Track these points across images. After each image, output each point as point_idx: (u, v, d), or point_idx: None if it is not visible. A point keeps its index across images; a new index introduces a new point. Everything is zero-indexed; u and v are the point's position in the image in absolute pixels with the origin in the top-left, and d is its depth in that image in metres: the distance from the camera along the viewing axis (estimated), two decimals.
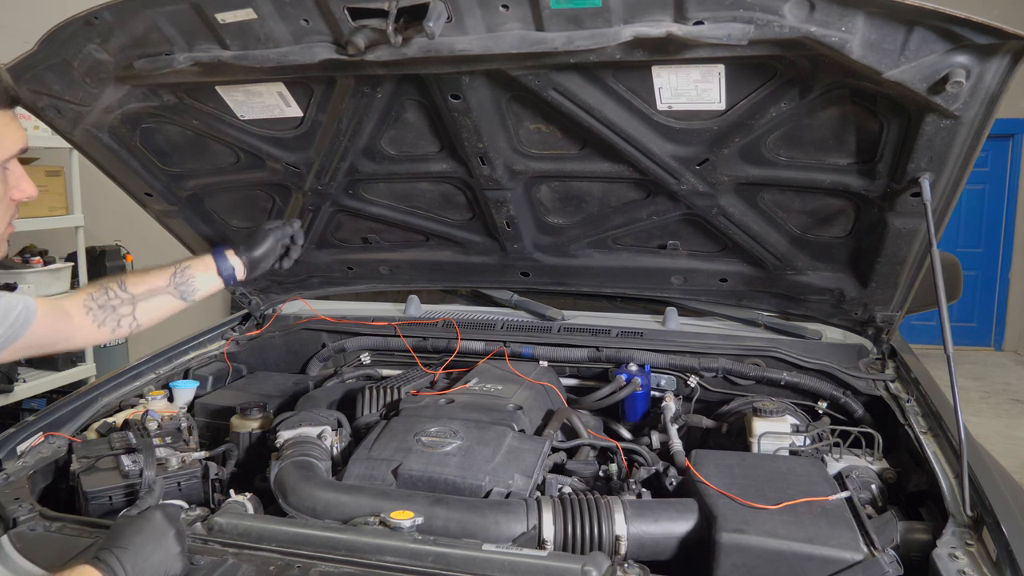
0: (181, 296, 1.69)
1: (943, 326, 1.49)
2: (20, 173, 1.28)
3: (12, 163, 1.27)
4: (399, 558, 1.24)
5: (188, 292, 1.70)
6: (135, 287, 1.64)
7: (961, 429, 1.44)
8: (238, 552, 1.27)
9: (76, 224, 4.51)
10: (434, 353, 2.39)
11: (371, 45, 1.51)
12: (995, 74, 1.37)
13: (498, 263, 2.33)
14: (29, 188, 1.30)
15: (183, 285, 1.69)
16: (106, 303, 1.60)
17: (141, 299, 1.63)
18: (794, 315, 2.23)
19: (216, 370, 2.37)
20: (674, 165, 1.83)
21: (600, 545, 1.38)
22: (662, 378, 2.20)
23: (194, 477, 1.64)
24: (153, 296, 1.65)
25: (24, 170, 1.30)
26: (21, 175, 1.29)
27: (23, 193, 1.29)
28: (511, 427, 1.73)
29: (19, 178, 1.28)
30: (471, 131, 1.83)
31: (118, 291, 1.62)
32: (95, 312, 1.59)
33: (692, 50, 1.47)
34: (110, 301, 1.61)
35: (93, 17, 1.58)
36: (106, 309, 1.60)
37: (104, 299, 1.60)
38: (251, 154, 2.05)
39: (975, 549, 1.28)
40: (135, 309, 1.63)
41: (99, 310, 1.59)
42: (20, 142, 1.26)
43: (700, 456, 1.65)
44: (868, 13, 1.33)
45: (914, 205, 1.68)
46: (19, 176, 1.28)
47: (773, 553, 1.31)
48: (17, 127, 1.26)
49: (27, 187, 1.30)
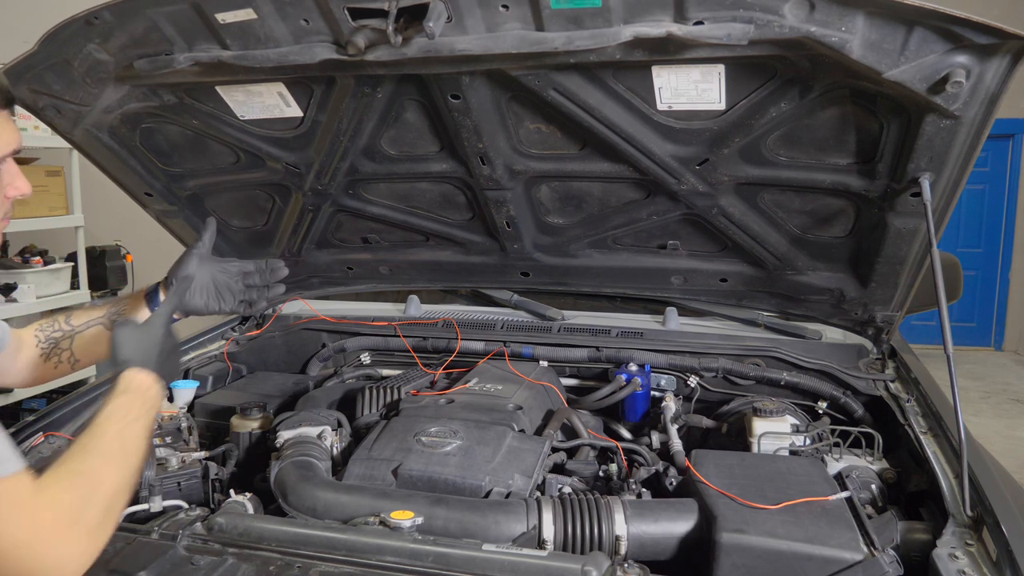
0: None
1: (943, 326, 1.49)
2: (15, 171, 1.30)
3: (7, 162, 1.28)
4: (399, 558, 1.24)
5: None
6: (77, 320, 1.67)
7: (961, 429, 1.44)
8: (238, 552, 1.27)
9: (76, 224, 4.51)
10: (434, 353, 2.39)
11: (371, 45, 1.51)
12: (995, 74, 1.37)
13: (498, 263, 2.33)
14: (23, 185, 1.31)
15: (115, 316, 1.67)
16: (51, 334, 1.65)
17: (79, 331, 1.66)
18: (794, 315, 2.23)
19: (216, 370, 2.37)
20: (674, 165, 1.83)
21: (600, 545, 1.38)
22: (662, 378, 2.20)
23: (194, 477, 1.64)
24: (88, 327, 1.67)
25: (19, 168, 1.31)
26: (16, 173, 1.30)
27: (17, 191, 1.31)
28: (511, 427, 1.73)
29: (13, 176, 1.30)
30: (471, 131, 1.83)
31: (63, 323, 1.67)
32: (42, 344, 1.63)
33: (692, 50, 1.47)
34: (54, 333, 1.65)
35: (93, 17, 1.58)
36: (50, 341, 1.64)
37: (51, 330, 1.65)
38: (251, 154, 2.05)
39: (975, 549, 1.28)
40: (73, 341, 1.65)
41: (45, 342, 1.64)
42: (14, 143, 1.27)
43: (700, 456, 1.65)
44: (868, 13, 1.33)
45: (914, 205, 1.68)
46: (13, 174, 1.30)
47: (773, 553, 1.31)
48: (12, 128, 1.27)
49: (21, 184, 1.31)
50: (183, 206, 2.25)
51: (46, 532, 1.00)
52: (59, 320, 1.67)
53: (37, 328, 1.65)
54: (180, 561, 1.25)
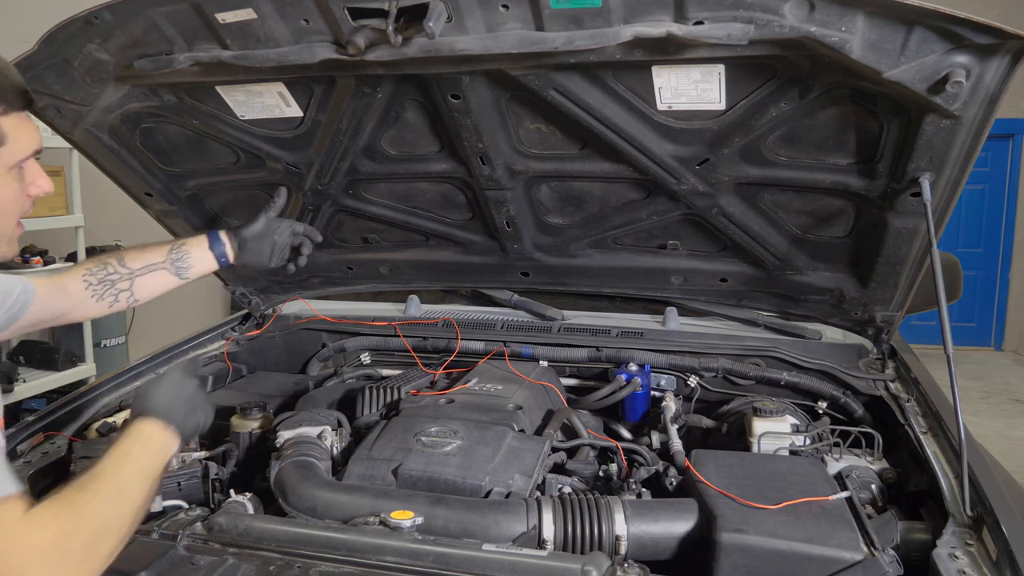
0: (176, 273, 1.73)
1: (943, 326, 1.49)
2: (36, 170, 1.29)
3: (30, 161, 1.27)
4: (399, 558, 1.24)
5: (183, 269, 1.74)
6: (134, 262, 1.69)
7: (961, 429, 1.44)
8: (238, 552, 1.27)
9: (76, 224, 4.51)
10: (434, 353, 2.39)
11: (371, 45, 1.51)
12: (995, 74, 1.37)
13: (498, 263, 2.33)
14: (46, 184, 1.30)
15: (178, 262, 1.73)
16: (105, 278, 1.65)
17: (139, 274, 1.69)
18: (794, 315, 2.23)
19: (216, 370, 2.37)
20: (674, 165, 1.83)
21: (600, 545, 1.38)
22: (662, 378, 2.20)
23: (194, 477, 1.64)
24: (150, 272, 1.70)
25: (40, 167, 1.30)
26: (37, 172, 1.29)
27: (40, 189, 1.30)
28: (511, 427, 1.73)
29: (35, 175, 1.29)
30: (471, 131, 1.83)
31: (117, 266, 1.67)
32: (94, 287, 1.64)
33: (692, 50, 1.46)
34: (109, 276, 1.66)
35: (93, 17, 1.58)
36: (105, 284, 1.65)
37: (103, 274, 1.65)
38: (251, 154, 2.05)
39: (975, 549, 1.28)
40: (133, 284, 1.68)
41: (98, 285, 1.64)
42: (35, 143, 1.26)
43: (700, 456, 1.65)
44: (868, 13, 1.33)
45: (914, 205, 1.68)
46: (35, 173, 1.29)
47: (773, 553, 1.31)
48: (32, 128, 1.26)
49: (44, 183, 1.30)
50: (183, 206, 2.24)
51: (32, 558, 0.99)
52: (111, 263, 1.67)
53: (85, 271, 1.65)
54: (180, 561, 1.25)
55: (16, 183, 1.24)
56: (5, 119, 1.20)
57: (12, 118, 1.21)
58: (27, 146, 1.24)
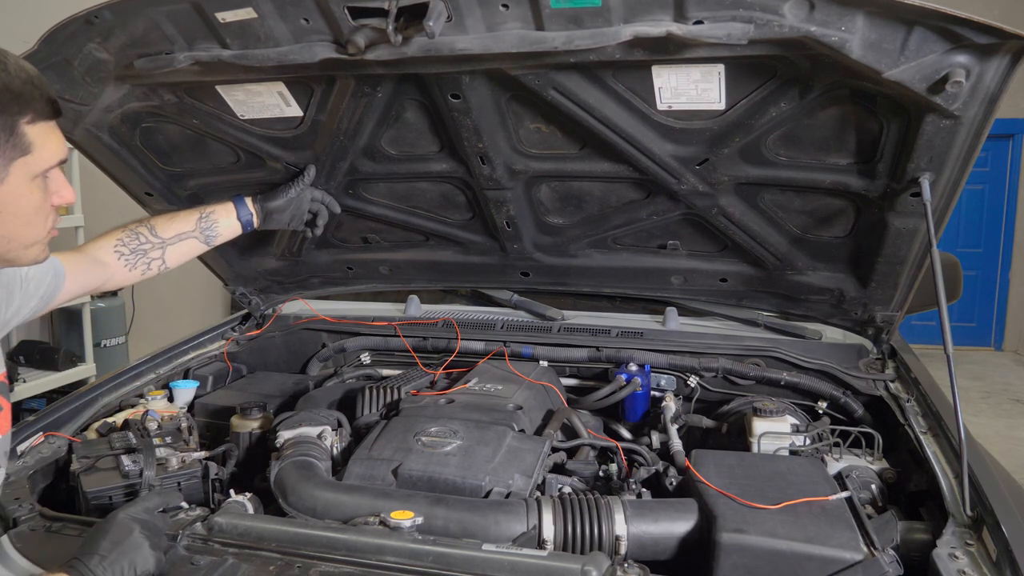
0: (206, 240, 1.85)
1: (943, 326, 1.49)
2: (61, 180, 1.29)
3: (55, 170, 1.28)
4: (399, 558, 1.24)
5: (212, 236, 1.86)
6: (164, 231, 1.78)
7: (961, 429, 1.44)
8: (238, 552, 1.27)
9: (76, 224, 4.50)
10: (434, 353, 2.39)
11: (371, 44, 1.51)
12: (995, 74, 1.36)
13: (498, 263, 2.33)
14: (68, 194, 1.31)
15: (208, 230, 1.84)
16: (137, 247, 1.74)
17: (170, 243, 1.78)
18: (794, 315, 2.23)
19: (216, 370, 2.37)
20: (674, 165, 1.83)
21: (600, 545, 1.38)
22: (662, 378, 2.20)
23: (194, 477, 1.64)
24: (181, 240, 1.80)
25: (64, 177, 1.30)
26: (62, 182, 1.30)
27: (63, 199, 1.30)
28: (511, 427, 1.73)
29: (60, 185, 1.29)
30: (471, 131, 1.83)
31: (148, 235, 1.76)
32: (127, 257, 1.72)
33: (692, 50, 1.46)
34: (141, 245, 1.74)
35: (93, 16, 1.58)
36: (137, 253, 1.73)
37: (136, 243, 1.74)
38: (251, 154, 2.05)
39: (975, 549, 1.28)
40: (164, 252, 1.77)
41: (131, 255, 1.72)
42: (61, 153, 1.26)
43: (700, 456, 1.65)
44: (868, 13, 1.33)
45: (914, 205, 1.68)
46: (60, 183, 1.29)
47: (773, 553, 1.31)
48: (58, 137, 1.26)
49: (67, 193, 1.30)
50: (183, 206, 2.23)
51: None
52: (143, 232, 1.76)
53: (117, 241, 1.72)
54: (180, 561, 1.25)
55: (40, 192, 1.25)
56: (33, 128, 1.20)
57: (40, 127, 1.21)
58: (53, 156, 1.25)
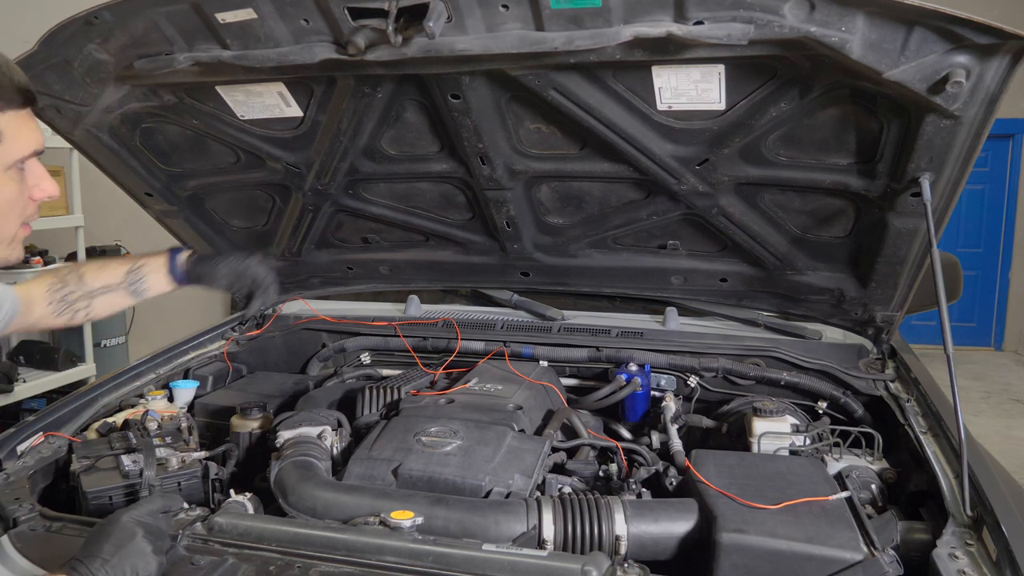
0: (133, 293, 1.76)
1: (943, 326, 1.49)
2: (40, 172, 1.27)
3: (30, 162, 1.26)
4: (399, 558, 1.24)
5: (141, 290, 1.77)
6: (93, 281, 1.71)
7: (961, 429, 1.44)
8: (238, 552, 1.27)
9: (76, 224, 4.50)
10: (434, 353, 2.39)
11: (371, 45, 1.51)
12: (995, 74, 1.37)
13: (498, 263, 2.33)
14: (50, 187, 1.29)
15: (136, 284, 1.75)
16: (65, 296, 1.68)
17: (97, 294, 1.71)
18: (794, 315, 2.23)
19: (216, 370, 2.37)
20: (674, 165, 1.83)
21: (600, 545, 1.38)
22: (662, 378, 2.20)
23: (194, 477, 1.64)
24: (106, 293, 1.72)
25: (44, 169, 1.28)
26: (41, 174, 1.27)
27: (43, 192, 1.28)
28: (511, 427, 1.72)
29: (39, 177, 1.27)
30: (471, 131, 1.83)
31: (75, 285, 1.70)
32: (54, 304, 1.67)
33: (692, 50, 1.47)
34: (68, 295, 1.69)
35: (93, 17, 1.58)
36: (64, 302, 1.68)
37: (64, 292, 1.68)
38: (251, 154, 2.05)
39: (975, 549, 1.28)
40: (91, 303, 1.71)
41: (59, 303, 1.67)
42: (36, 143, 1.24)
43: (700, 456, 1.65)
44: (868, 13, 1.33)
45: (914, 205, 1.68)
46: (39, 175, 1.27)
47: (773, 553, 1.31)
48: (33, 127, 1.25)
49: (48, 186, 1.28)
50: (183, 206, 2.24)
51: None
52: (70, 281, 1.70)
53: (48, 290, 1.68)
54: (180, 561, 1.25)
55: (15, 183, 1.23)
56: (3, 116, 1.18)
57: (11, 115, 1.20)
58: (27, 145, 1.23)
